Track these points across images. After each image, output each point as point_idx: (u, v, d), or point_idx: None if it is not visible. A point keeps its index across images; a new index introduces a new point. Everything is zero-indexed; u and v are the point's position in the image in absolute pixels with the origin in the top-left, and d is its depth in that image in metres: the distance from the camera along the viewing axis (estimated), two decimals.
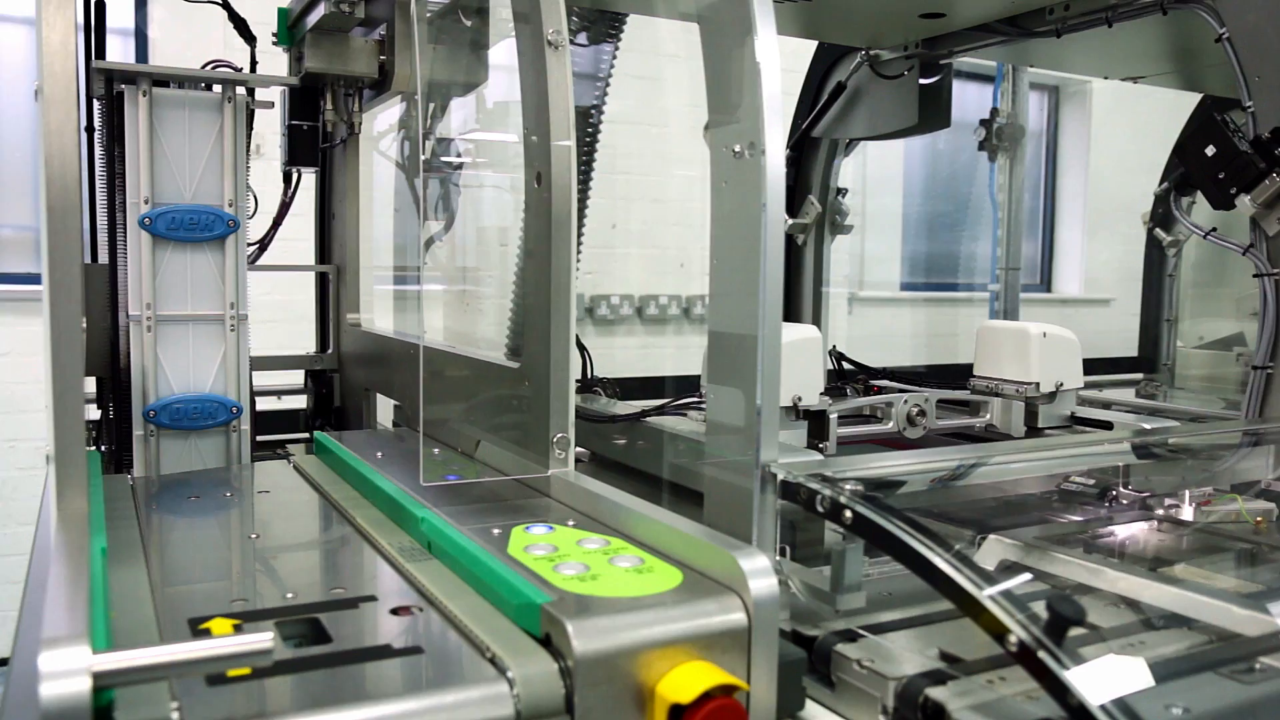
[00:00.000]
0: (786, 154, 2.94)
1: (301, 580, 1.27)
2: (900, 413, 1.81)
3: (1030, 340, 1.95)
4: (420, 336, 2.06)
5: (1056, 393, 1.97)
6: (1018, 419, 1.92)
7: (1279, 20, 1.81)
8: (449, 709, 0.93)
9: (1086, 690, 0.89)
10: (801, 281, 2.91)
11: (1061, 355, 1.98)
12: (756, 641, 1.06)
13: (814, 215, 2.87)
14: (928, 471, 1.49)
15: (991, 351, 2.02)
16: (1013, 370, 1.96)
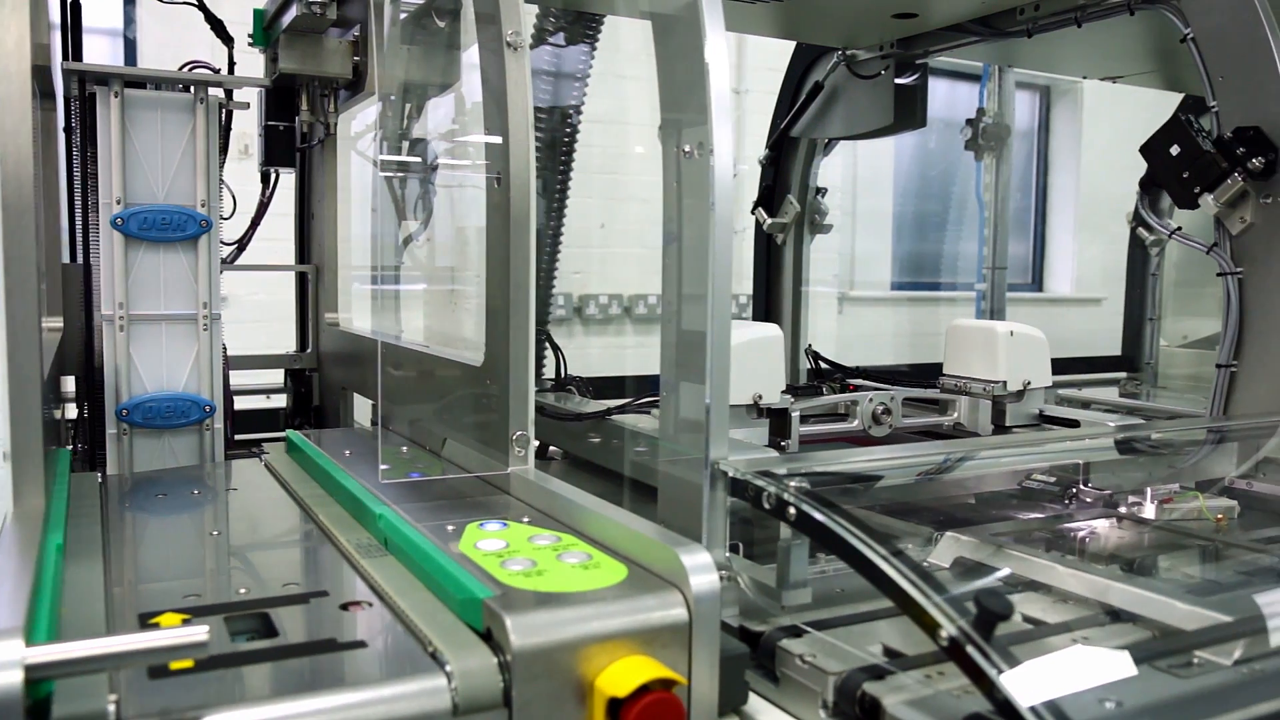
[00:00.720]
0: (765, 154, 2.98)
1: (256, 576, 1.28)
2: (865, 411, 1.82)
3: (997, 339, 1.96)
4: (379, 334, 2.08)
5: (1024, 391, 1.98)
6: (985, 417, 1.92)
7: (1242, 21, 1.82)
8: (386, 701, 0.94)
9: (1014, 685, 0.90)
10: (781, 280, 2.93)
11: (1029, 354, 1.99)
12: (698, 637, 1.07)
13: (793, 215, 2.88)
14: (883, 469, 1.50)
15: (960, 350, 2.03)
16: (980, 369, 1.97)
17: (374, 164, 2.44)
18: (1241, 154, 1.78)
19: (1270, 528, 1.67)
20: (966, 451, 1.72)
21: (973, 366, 1.98)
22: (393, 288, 2.39)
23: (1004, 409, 1.96)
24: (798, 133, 2.84)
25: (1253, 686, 1.04)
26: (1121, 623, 1.23)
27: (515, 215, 1.47)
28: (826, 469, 1.39)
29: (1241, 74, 1.83)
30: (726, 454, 1.26)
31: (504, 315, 1.49)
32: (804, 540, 1.21)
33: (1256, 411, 1.84)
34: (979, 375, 1.97)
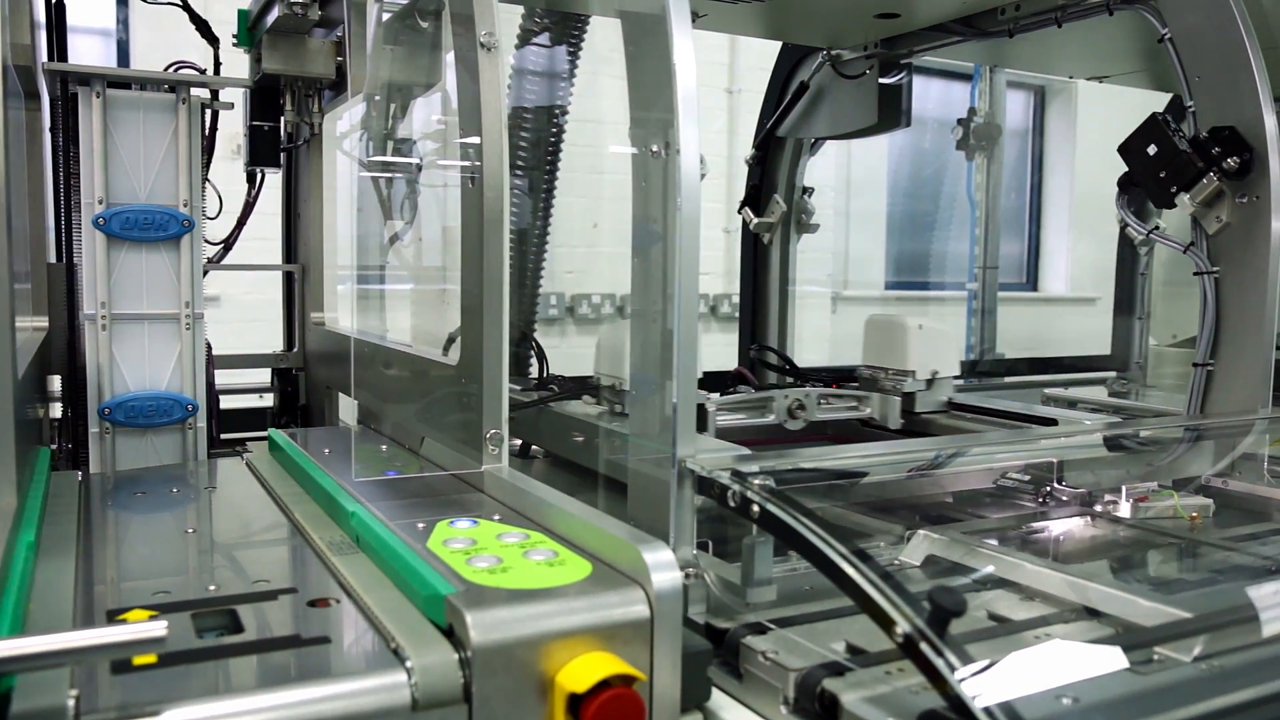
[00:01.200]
0: (752, 154, 2.98)
1: (227, 573, 1.29)
2: (780, 406, 1.93)
3: (907, 332, 2.14)
4: (353, 332, 2.09)
5: (933, 380, 2.15)
6: (895, 411, 2.11)
7: (1218, 21, 1.82)
8: (345, 696, 0.95)
9: (967, 681, 0.91)
10: (768, 280, 2.93)
11: (936, 346, 2.17)
12: (659, 633, 1.08)
13: (779, 214, 2.88)
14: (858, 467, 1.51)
15: (875, 343, 2.22)
16: (892, 360, 2.16)
17: (359, 164, 2.45)
18: (1217, 154, 1.79)
19: (1244, 526, 1.68)
20: (943, 451, 1.72)
21: (885, 358, 2.17)
22: (376, 287, 2.41)
23: (914, 398, 2.13)
24: (784, 132, 2.85)
25: (1210, 682, 1.04)
26: (1086, 620, 1.24)
27: (488, 215, 1.48)
28: (799, 467, 1.39)
29: (1217, 74, 1.84)
30: (694, 452, 1.26)
31: (478, 314, 1.50)
32: (768, 538, 1.21)
33: (1233, 410, 1.85)
34: (891, 366, 2.15)
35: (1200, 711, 0.98)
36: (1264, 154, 1.77)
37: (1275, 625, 1.20)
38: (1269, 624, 1.20)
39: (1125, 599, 1.23)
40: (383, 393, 1.95)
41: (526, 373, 2.72)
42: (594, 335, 5.41)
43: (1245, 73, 1.79)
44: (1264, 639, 1.14)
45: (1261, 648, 1.12)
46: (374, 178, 2.34)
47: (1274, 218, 1.78)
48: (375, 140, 2.32)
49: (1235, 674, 1.06)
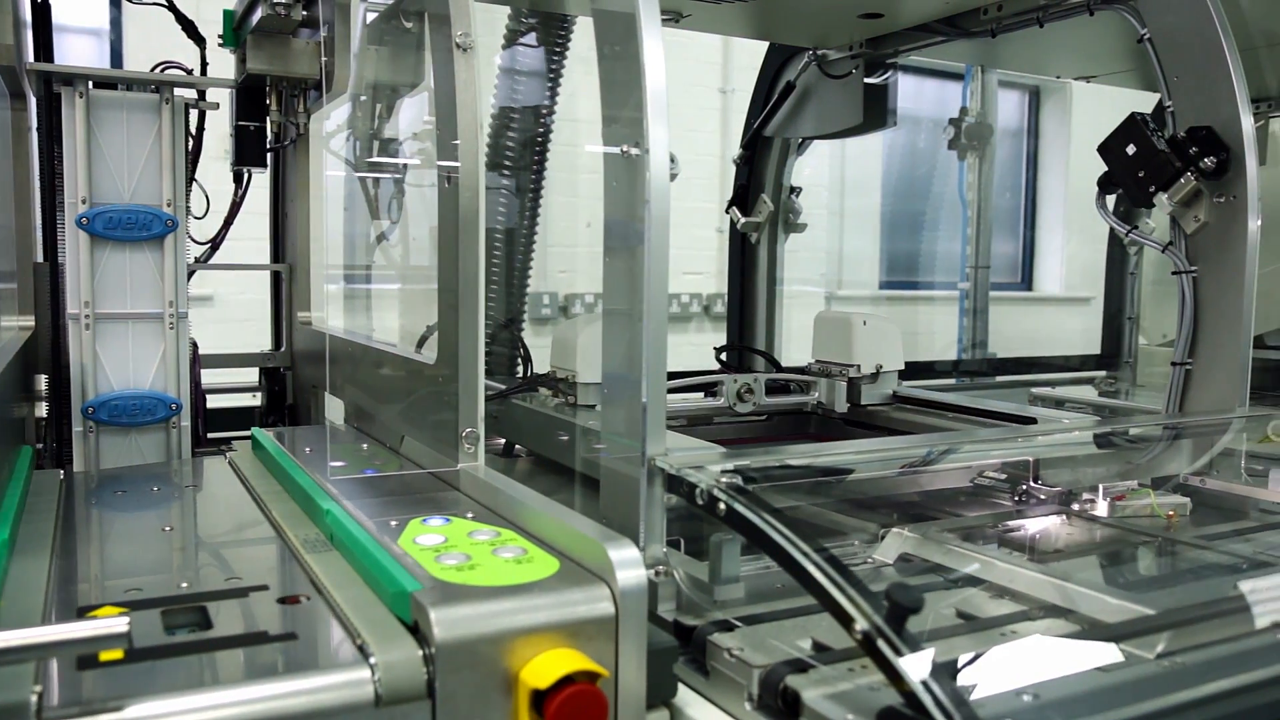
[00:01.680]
0: (740, 153, 2.99)
1: (201, 571, 1.30)
2: (730, 390, 2.01)
3: (853, 327, 2.24)
4: (332, 331, 2.10)
5: (878, 374, 2.25)
6: (841, 397, 2.22)
7: (1196, 22, 1.83)
8: (307, 692, 0.96)
9: (923, 678, 0.92)
10: (755, 279, 2.94)
11: (882, 340, 2.26)
12: (624, 630, 1.08)
13: (766, 214, 2.89)
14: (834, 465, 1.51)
15: (824, 337, 2.33)
16: (839, 354, 2.25)
17: (345, 164, 2.46)
18: (1194, 154, 1.79)
19: (1219, 524, 1.68)
20: (923, 449, 1.73)
21: (833, 351, 2.27)
22: (361, 286, 2.41)
23: (859, 389, 2.22)
24: (771, 132, 2.86)
25: (1171, 678, 1.05)
26: (1054, 617, 1.24)
27: (464, 214, 1.49)
28: (774, 465, 1.40)
29: (1195, 75, 1.85)
30: (663, 450, 1.27)
31: (454, 313, 1.51)
32: (736, 536, 1.22)
33: (1211, 408, 1.86)
34: (837, 359, 2.25)
35: (1159, 707, 0.99)
36: (1241, 154, 1.78)
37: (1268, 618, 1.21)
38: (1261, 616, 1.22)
39: (1092, 596, 1.24)
40: (364, 391, 1.96)
41: (515, 372, 2.72)
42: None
43: (1223, 73, 1.80)
44: (1227, 636, 1.15)
45: (1224, 645, 1.13)
46: (359, 177, 2.34)
47: (1250, 217, 1.79)
48: (361, 140, 2.33)
49: (1197, 670, 1.06)
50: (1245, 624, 1.20)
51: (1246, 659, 1.10)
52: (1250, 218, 1.78)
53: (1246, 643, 1.15)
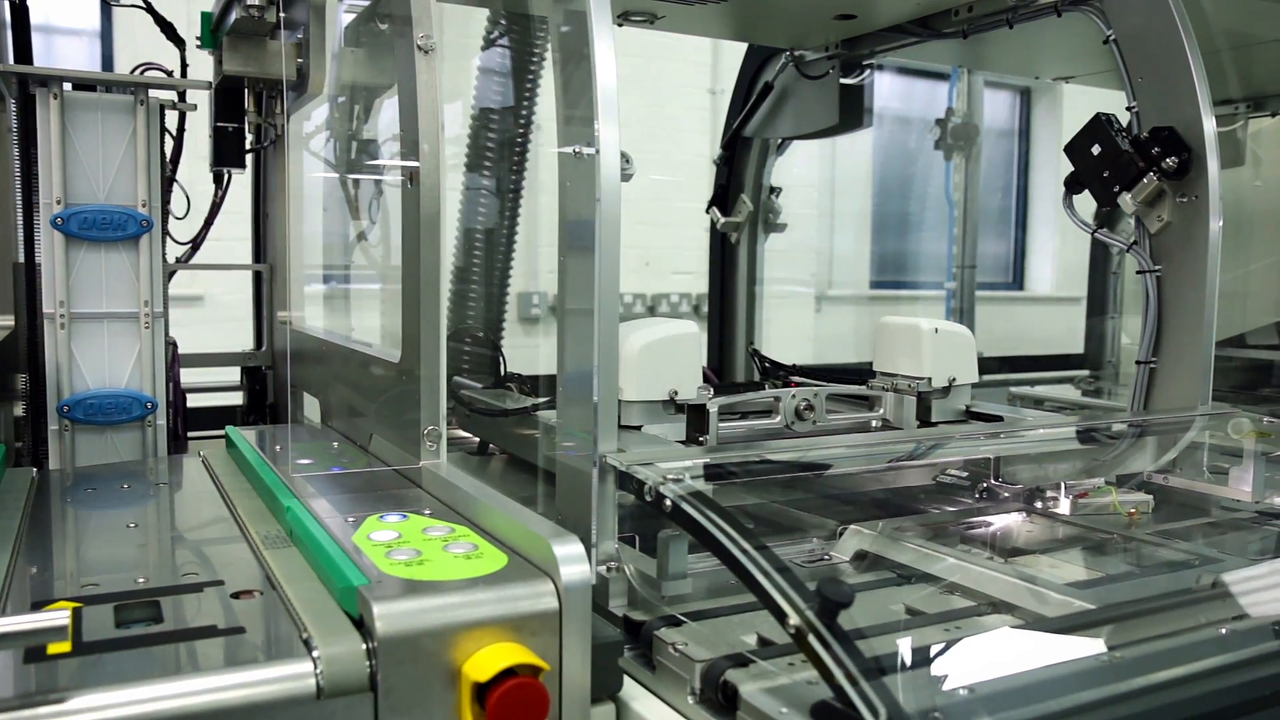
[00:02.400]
0: (720, 153, 3.00)
1: (160, 566, 1.32)
2: (788, 407, 1.84)
3: (922, 336, 1.98)
4: (305, 327, 2.11)
5: (950, 388, 1.99)
6: (910, 413, 1.94)
7: (1159, 23, 1.84)
8: (248, 685, 0.98)
9: (855, 672, 0.93)
10: (735, 279, 2.95)
11: (954, 351, 2.01)
12: (568, 625, 1.10)
13: (746, 214, 2.91)
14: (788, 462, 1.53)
15: (888, 347, 2.05)
16: (907, 365, 1.99)
17: (324, 164, 2.48)
18: (1156, 154, 1.80)
19: (1179, 521, 1.70)
20: (883, 446, 1.74)
21: (899, 363, 2.00)
22: (339, 286, 2.43)
23: (929, 405, 1.98)
24: (750, 133, 2.87)
25: (1105, 672, 1.06)
26: (999, 613, 1.26)
27: (425, 214, 1.50)
28: (738, 463, 1.42)
29: (1159, 76, 1.86)
30: (615, 447, 1.29)
31: (416, 312, 1.52)
32: (684, 533, 1.23)
33: (1175, 406, 1.87)
34: (905, 371, 1.99)
35: (1091, 699, 1.00)
36: (1202, 154, 1.79)
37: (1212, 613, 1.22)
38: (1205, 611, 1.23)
39: (1038, 592, 1.25)
40: (336, 390, 1.98)
41: (496, 372, 2.74)
42: None
43: (1184, 75, 1.81)
44: (1169, 631, 1.16)
45: (1162, 640, 1.14)
46: (335, 178, 2.36)
47: (1212, 217, 1.80)
48: (338, 141, 2.34)
49: (1132, 664, 1.08)
50: (1188, 619, 1.22)
51: (1185, 652, 1.12)
52: (1212, 218, 1.80)
53: (1187, 637, 1.17)
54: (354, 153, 2.27)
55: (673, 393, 1.67)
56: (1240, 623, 1.20)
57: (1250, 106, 3.31)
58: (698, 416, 1.70)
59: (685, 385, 1.67)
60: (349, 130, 2.30)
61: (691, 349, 1.71)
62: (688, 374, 1.68)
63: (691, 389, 1.68)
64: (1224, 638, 1.17)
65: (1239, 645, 1.14)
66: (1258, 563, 1.44)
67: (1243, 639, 1.16)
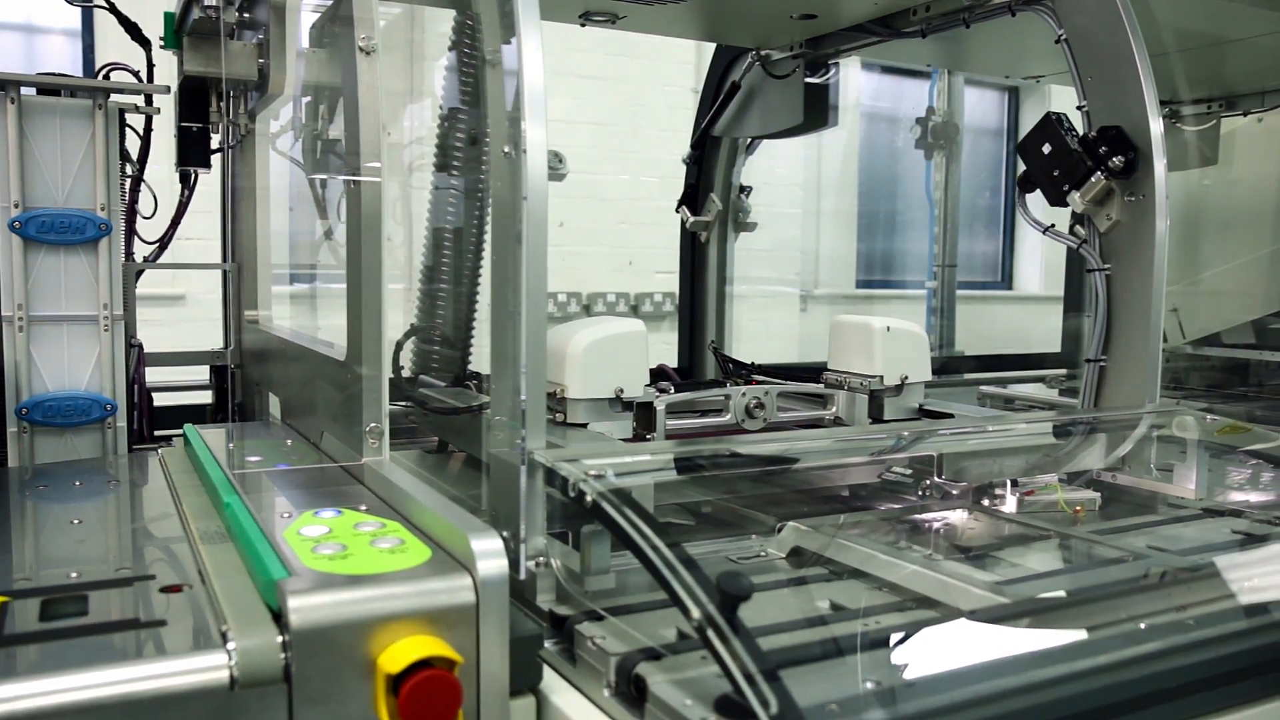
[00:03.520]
0: (689, 153, 3.01)
1: (94, 561, 1.33)
2: (738, 405, 1.86)
3: (874, 334, 1.99)
4: (271, 326, 2.13)
5: (902, 385, 2.00)
6: (861, 411, 1.95)
7: (1107, 23, 1.85)
8: (161, 676, 0.99)
9: (750, 665, 0.94)
10: (705, 279, 2.97)
11: (906, 349, 2.02)
12: (485, 618, 1.11)
13: (715, 213, 2.92)
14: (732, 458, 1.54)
15: (841, 345, 2.06)
16: (859, 364, 2.00)
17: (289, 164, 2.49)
18: (1104, 153, 1.81)
19: (1123, 518, 1.71)
20: (831, 442, 1.76)
21: (852, 361, 2.01)
22: (304, 286, 2.45)
23: (882, 403, 1.99)
24: (718, 132, 2.88)
25: (1009, 665, 1.07)
26: (922, 609, 1.27)
27: (366, 215, 1.52)
28: (663, 460, 1.43)
29: (1106, 75, 1.87)
30: (543, 444, 1.30)
31: (358, 312, 1.54)
32: (605, 529, 1.25)
33: (1124, 405, 1.88)
34: (858, 370, 1.99)
35: (990, 691, 1.01)
36: (1149, 153, 1.80)
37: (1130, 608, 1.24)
38: (1122, 607, 1.25)
39: (962, 588, 1.27)
40: (292, 388, 2.00)
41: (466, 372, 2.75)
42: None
43: (1132, 75, 1.82)
44: (1080, 626, 1.18)
45: (1075, 633, 1.15)
46: (301, 177, 2.38)
47: (1159, 217, 1.81)
48: (302, 140, 2.36)
49: (1037, 659, 1.09)
50: (1107, 613, 1.23)
51: (1097, 645, 1.13)
52: (1159, 217, 1.81)
53: (1103, 631, 1.18)
54: (319, 152, 2.28)
55: (618, 390, 1.68)
56: (1158, 617, 1.21)
57: (1223, 106, 3.32)
58: (645, 414, 1.71)
59: (631, 383, 1.69)
60: (314, 130, 2.32)
61: (637, 348, 1.73)
62: (633, 372, 1.70)
63: (638, 387, 1.70)
64: (1140, 632, 1.18)
65: (1151, 639, 1.15)
66: (1187, 558, 1.45)
67: (1157, 633, 1.17)
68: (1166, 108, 3.35)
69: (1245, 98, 3.25)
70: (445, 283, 2.78)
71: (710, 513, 1.66)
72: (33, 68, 3.15)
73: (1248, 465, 1.87)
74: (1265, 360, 3.44)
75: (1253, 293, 3.48)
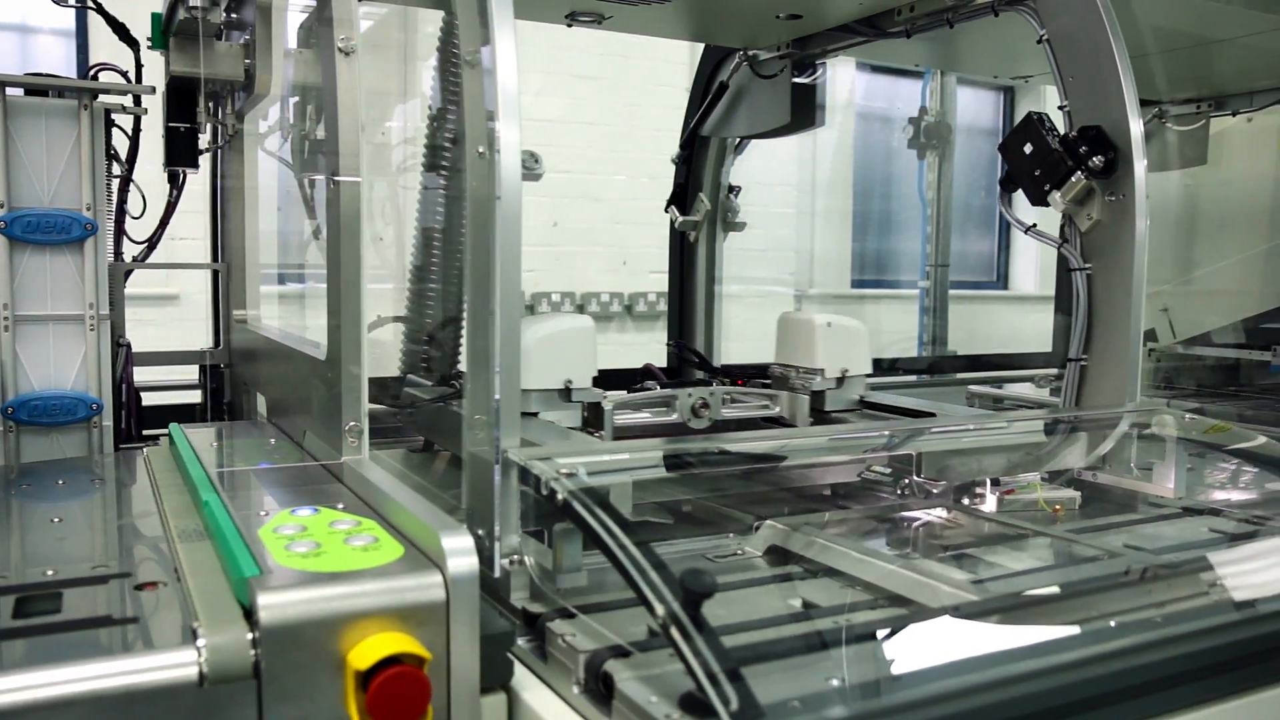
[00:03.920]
0: (678, 153, 3.02)
1: (71, 559, 1.34)
2: (684, 405, 1.94)
3: (815, 330, 2.12)
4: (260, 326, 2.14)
5: (843, 379, 2.14)
6: (804, 406, 2.08)
7: (1088, 23, 1.86)
8: (131, 672, 1.00)
9: (712, 661, 0.95)
10: (695, 278, 2.97)
11: (847, 344, 2.15)
12: (455, 615, 1.12)
13: (704, 213, 2.92)
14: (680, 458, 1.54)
15: (786, 341, 2.20)
16: (802, 358, 2.14)
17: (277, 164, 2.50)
18: (1084, 152, 1.82)
19: (1102, 517, 1.71)
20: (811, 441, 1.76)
21: (796, 356, 2.15)
22: (293, 286, 2.45)
23: (824, 396, 2.11)
24: (707, 132, 2.89)
25: (975, 663, 1.08)
26: (894, 606, 1.28)
27: (345, 215, 1.53)
28: (637, 459, 1.43)
29: (1087, 75, 1.88)
30: (517, 442, 1.31)
31: (338, 311, 1.55)
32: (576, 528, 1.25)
33: (1105, 404, 1.89)
34: (801, 364, 2.14)
35: (951, 689, 1.02)
36: (1129, 153, 1.81)
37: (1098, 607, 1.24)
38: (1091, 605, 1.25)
39: (934, 586, 1.27)
40: (277, 388, 2.01)
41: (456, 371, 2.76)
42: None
43: (1112, 75, 1.83)
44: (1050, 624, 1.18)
45: (1043, 630, 1.16)
46: (289, 177, 2.39)
47: (1139, 216, 1.81)
48: (291, 140, 2.36)
49: (1000, 657, 1.09)
50: (1078, 611, 1.24)
51: (1065, 644, 1.13)
52: (1138, 217, 1.81)
53: (1074, 628, 1.19)
54: (306, 153, 2.29)
55: (567, 383, 1.82)
56: (1130, 615, 1.22)
57: (1212, 106, 3.33)
58: (595, 413, 1.80)
59: (579, 376, 1.83)
60: (301, 130, 2.33)
61: (585, 342, 1.88)
62: (582, 365, 1.83)
63: (586, 379, 1.84)
64: (1111, 629, 1.18)
65: (1122, 635, 1.15)
66: (1161, 556, 1.46)
67: (1128, 630, 1.17)
68: (1155, 108, 3.36)
69: (1234, 98, 3.26)
70: (434, 282, 2.79)
71: (689, 511, 1.67)
72: (27, 68, 3.17)
73: (1227, 464, 1.87)
74: (1255, 360, 3.45)
75: (1243, 292, 3.48)
